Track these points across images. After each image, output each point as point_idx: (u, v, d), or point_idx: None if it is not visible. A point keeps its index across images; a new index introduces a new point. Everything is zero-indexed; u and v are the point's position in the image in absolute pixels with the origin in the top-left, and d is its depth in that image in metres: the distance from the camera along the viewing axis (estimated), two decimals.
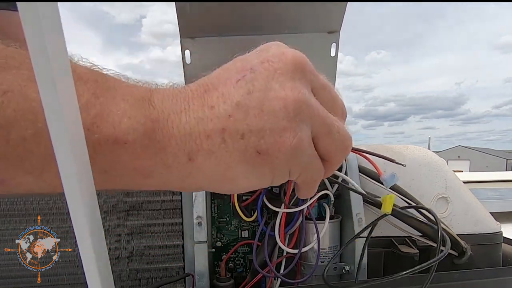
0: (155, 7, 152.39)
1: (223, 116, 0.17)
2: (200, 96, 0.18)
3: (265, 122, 0.17)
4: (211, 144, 0.17)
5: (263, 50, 0.20)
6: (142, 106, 0.17)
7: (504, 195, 1.02)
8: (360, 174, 0.36)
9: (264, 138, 0.17)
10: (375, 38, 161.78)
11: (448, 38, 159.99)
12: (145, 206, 0.35)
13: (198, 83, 0.19)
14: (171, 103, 0.18)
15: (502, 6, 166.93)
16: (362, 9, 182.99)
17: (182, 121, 0.17)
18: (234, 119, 0.17)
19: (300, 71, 0.19)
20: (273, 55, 0.19)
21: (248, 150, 0.18)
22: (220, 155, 0.17)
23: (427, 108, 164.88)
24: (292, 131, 0.18)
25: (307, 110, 0.18)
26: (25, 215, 0.33)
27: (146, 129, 0.17)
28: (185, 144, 0.17)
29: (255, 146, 0.18)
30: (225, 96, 0.18)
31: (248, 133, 0.17)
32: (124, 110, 0.16)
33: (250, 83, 0.18)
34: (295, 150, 0.18)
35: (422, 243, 0.37)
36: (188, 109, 0.17)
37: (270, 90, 0.18)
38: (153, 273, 0.35)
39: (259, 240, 0.35)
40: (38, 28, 0.12)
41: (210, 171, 0.18)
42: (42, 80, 0.12)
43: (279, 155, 0.18)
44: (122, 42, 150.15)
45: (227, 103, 0.17)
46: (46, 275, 0.33)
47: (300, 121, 0.18)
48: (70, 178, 0.13)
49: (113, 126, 0.16)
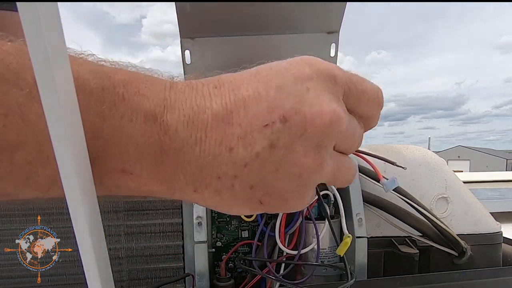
0: (155, 7, 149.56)
1: (239, 164, 0.16)
2: (220, 122, 0.16)
3: (276, 180, 0.17)
4: (220, 185, 0.17)
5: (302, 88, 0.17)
6: (152, 129, 0.16)
7: (504, 195, 1.02)
8: (360, 174, 0.36)
9: (270, 195, 0.17)
10: (375, 38, 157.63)
11: (448, 38, 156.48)
12: (145, 206, 0.35)
13: (222, 96, 0.17)
14: (186, 129, 0.16)
15: (502, 6, 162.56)
16: (362, 9, 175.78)
17: (195, 156, 0.16)
18: (249, 169, 0.16)
19: (331, 136, 0.17)
20: (310, 110, 0.16)
21: (252, 199, 0.18)
22: (226, 196, 0.17)
23: (427, 108, 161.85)
24: (298, 195, 0.18)
25: (320, 179, 0.18)
26: (25, 215, 0.33)
27: (155, 160, 0.16)
28: (193, 179, 0.17)
29: (260, 198, 0.18)
30: (246, 140, 0.16)
31: (257, 187, 0.17)
32: (132, 136, 0.15)
33: (275, 135, 0.16)
34: (294, 208, 0.19)
35: (422, 243, 0.37)
36: (204, 140, 0.16)
37: (292, 152, 0.17)
38: (153, 273, 0.35)
39: (259, 240, 0.35)
40: (38, 28, 0.12)
41: (211, 204, 0.18)
42: (42, 80, 0.12)
43: (278, 208, 0.18)
44: (122, 42, 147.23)
45: (247, 151, 0.16)
46: (46, 275, 0.33)
47: (308, 189, 0.18)
48: (70, 179, 0.13)
49: (121, 158, 0.16)
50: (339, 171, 0.19)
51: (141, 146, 0.16)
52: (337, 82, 0.18)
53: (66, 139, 0.13)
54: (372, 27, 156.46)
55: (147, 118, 0.16)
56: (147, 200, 0.35)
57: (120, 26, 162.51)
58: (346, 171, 0.20)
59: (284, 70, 0.18)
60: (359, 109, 0.19)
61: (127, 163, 0.16)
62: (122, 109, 0.15)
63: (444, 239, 0.35)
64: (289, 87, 0.17)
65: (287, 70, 0.18)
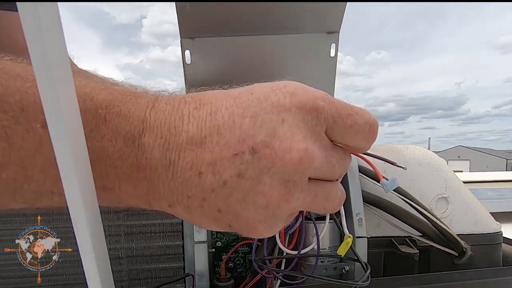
0: (156, 7, 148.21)
1: (207, 189, 0.17)
2: (194, 147, 0.17)
3: (243, 209, 0.17)
4: (190, 204, 0.18)
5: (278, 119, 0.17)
6: (131, 151, 0.16)
7: (504, 195, 1.01)
8: (360, 174, 0.36)
9: (237, 221, 0.18)
10: (375, 38, 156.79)
11: (448, 38, 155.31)
12: None
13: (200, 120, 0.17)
14: (161, 151, 0.17)
15: (502, 6, 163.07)
16: (362, 9, 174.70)
17: (168, 178, 0.17)
18: (216, 195, 0.17)
19: (300, 173, 0.17)
20: (280, 144, 0.17)
21: (220, 221, 0.18)
22: (196, 214, 0.18)
23: (427, 108, 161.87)
24: (266, 225, 0.18)
25: (288, 211, 0.18)
26: (25, 215, 0.33)
27: (133, 179, 0.17)
28: (167, 197, 0.18)
29: (228, 222, 0.18)
30: (216, 167, 0.17)
31: (225, 211, 0.18)
32: (112, 156, 0.16)
33: (244, 166, 0.16)
34: (263, 236, 0.19)
35: (422, 243, 0.37)
36: (177, 162, 0.17)
37: (259, 183, 0.17)
38: (153, 273, 0.35)
39: (259, 240, 0.35)
40: (38, 28, 0.12)
41: (184, 218, 0.19)
42: (42, 80, 0.12)
43: (247, 234, 0.19)
44: (122, 42, 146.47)
45: (215, 178, 0.17)
46: (46, 275, 0.33)
47: (277, 220, 0.18)
48: (70, 179, 0.13)
49: (100, 176, 0.16)
50: (315, 201, 0.19)
51: (120, 166, 0.16)
52: (320, 115, 0.18)
53: (66, 140, 0.13)
54: (372, 27, 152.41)
55: (126, 139, 0.16)
56: None
57: (120, 26, 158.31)
58: (325, 200, 0.20)
59: (264, 98, 0.17)
60: (345, 141, 0.19)
61: (107, 181, 0.17)
62: (103, 130, 0.16)
63: (444, 239, 0.35)
64: (264, 117, 0.17)
65: (266, 98, 0.17)
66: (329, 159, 0.18)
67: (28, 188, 0.16)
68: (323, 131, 0.18)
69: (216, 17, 0.36)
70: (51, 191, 0.16)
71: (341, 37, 0.39)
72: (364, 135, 0.19)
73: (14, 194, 0.16)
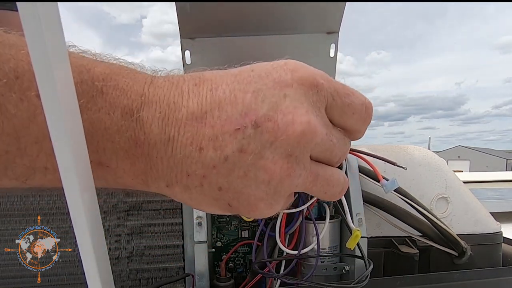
0: (156, 7, 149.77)
1: (208, 165, 0.16)
2: (194, 122, 0.16)
3: (244, 186, 0.17)
4: (190, 183, 0.17)
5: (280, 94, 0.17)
6: (129, 124, 0.16)
7: (504, 195, 1.01)
8: (360, 174, 0.36)
9: (238, 199, 0.18)
10: (375, 38, 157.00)
11: (448, 38, 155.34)
12: (145, 206, 0.35)
13: (200, 95, 0.17)
14: (160, 125, 0.16)
15: (502, 6, 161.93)
16: (363, 9, 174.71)
17: (167, 154, 0.16)
18: (217, 172, 0.17)
19: (302, 146, 0.17)
20: (283, 118, 0.16)
21: (220, 201, 0.18)
22: (195, 193, 0.18)
23: (427, 108, 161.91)
24: (268, 203, 0.18)
25: (290, 188, 0.18)
26: (25, 215, 0.33)
27: (130, 154, 0.16)
28: (165, 175, 0.17)
29: (228, 200, 0.18)
30: (217, 142, 0.16)
31: (226, 189, 0.17)
32: (109, 130, 0.16)
33: (246, 140, 0.16)
34: (263, 216, 0.18)
35: (422, 243, 0.37)
36: (177, 138, 0.16)
37: (261, 158, 0.17)
38: (153, 273, 0.35)
39: (259, 240, 0.35)
40: (38, 28, 0.12)
41: (182, 199, 0.18)
42: (42, 79, 0.12)
43: (247, 213, 0.18)
44: (122, 42, 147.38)
45: (217, 153, 0.16)
46: (46, 275, 0.33)
47: (278, 197, 0.18)
48: (70, 178, 0.13)
49: (97, 151, 0.16)
50: (317, 182, 0.19)
51: (117, 140, 0.16)
52: (320, 92, 0.18)
53: (66, 139, 0.13)
54: (372, 27, 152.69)
55: (124, 112, 0.16)
56: (147, 200, 0.35)
57: (120, 26, 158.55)
58: (326, 184, 0.19)
59: (265, 75, 0.17)
60: (343, 121, 0.19)
61: (104, 157, 0.16)
62: (100, 103, 0.16)
63: (444, 239, 0.35)
64: (266, 92, 0.17)
65: (268, 74, 0.17)
66: (330, 137, 0.18)
67: (21, 162, 0.15)
68: (323, 108, 0.18)
69: (216, 17, 0.36)
70: (44, 167, 0.15)
71: (341, 37, 0.39)
72: (361, 116, 0.19)
73: (5, 169, 0.15)
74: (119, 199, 0.34)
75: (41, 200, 0.33)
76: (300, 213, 0.33)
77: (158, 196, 0.35)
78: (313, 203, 0.33)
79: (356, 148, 0.36)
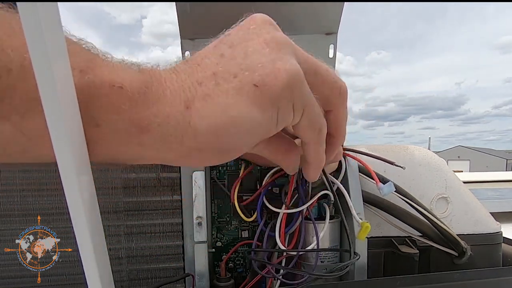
0: (156, 7, 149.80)
1: (211, 65, 0.18)
2: (183, 63, 0.19)
3: (254, 59, 0.18)
4: (205, 88, 0.17)
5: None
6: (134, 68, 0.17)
7: (504, 195, 1.01)
8: (360, 174, 0.36)
9: (258, 71, 0.17)
10: (375, 38, 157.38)
11: (448, 38, 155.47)
12: (145, 206, 0.35)
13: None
14: (158, 69, 0.18)
15: (502, 6, 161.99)
16: (362, 9, 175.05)
17: (174, 78, 0.17)
18: (223, 64, 0.18)
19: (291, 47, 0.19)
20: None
21: (244, 87, 0.17)
22: (216, 96, 0.17)
23: (427, 108, 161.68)
24: (283, 59, 0.18)
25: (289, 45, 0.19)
26: (25, 215, 0.33)
27: (142, 78, 0.17)
28: (180, 95, 0.17)
29: (251, 81, 0.17)
30: (207, 55, 0.18)
31: (240, 71, 0.17)
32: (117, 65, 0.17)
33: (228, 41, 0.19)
34: (293, 76, 0.18)
35: (422, 243, 0.37)
36: (176, 70, 0.18)
37: (249, 40, 0.19)
38: (153, 273, 0.35)
39: (259, 240, 0.35)
40: (38, 28, 0.12)
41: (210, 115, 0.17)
42: (42, 79, 0.12)
43: (277, 83, 0.17)
44: (122, 42, 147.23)
45: (212, 57, 0.18)
46: (46, 275, 0.33)
47: (286, 53, 0.18)
48: (70, 178, 0.13)
49: (108, 71, 0.16)
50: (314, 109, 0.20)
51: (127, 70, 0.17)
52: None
53: (66, 141, 0.13)
54: (372, 27, 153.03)
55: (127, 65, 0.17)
56: (147, 200, 0.35)
57: (120, 26, 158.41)
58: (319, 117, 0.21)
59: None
60: (315, 87, 0.20)
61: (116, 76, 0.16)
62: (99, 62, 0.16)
63: (444, 239, 0.35)
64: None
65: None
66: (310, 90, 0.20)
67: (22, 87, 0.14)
68: None
69: (216, 18, 0.36)
70: None
71: (341, 37, 0.39)
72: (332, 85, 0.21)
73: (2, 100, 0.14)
74: (119, 199, 0.34)
75: (41, 200, 0.33)
76: (300, 213, 0.33)
77: (158, 196, 0.35)
78: (313, 203, 0.33)
79: (355, 149, 0.36)
